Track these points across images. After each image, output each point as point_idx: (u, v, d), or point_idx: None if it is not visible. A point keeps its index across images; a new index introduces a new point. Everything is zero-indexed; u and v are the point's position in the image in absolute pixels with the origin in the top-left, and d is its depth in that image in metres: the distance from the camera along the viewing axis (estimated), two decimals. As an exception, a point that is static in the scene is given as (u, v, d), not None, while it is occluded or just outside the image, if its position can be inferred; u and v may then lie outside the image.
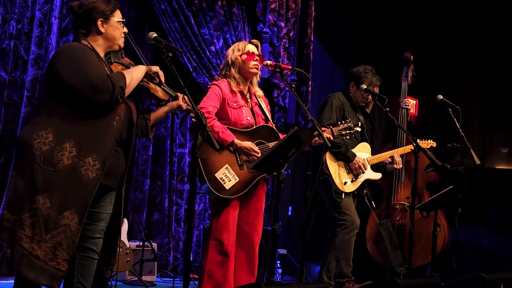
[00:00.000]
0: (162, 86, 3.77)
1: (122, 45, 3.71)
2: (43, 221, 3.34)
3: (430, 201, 5.36)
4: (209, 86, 4.69)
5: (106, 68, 3.55)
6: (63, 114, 3.41)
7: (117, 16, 3.65)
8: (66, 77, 3.40)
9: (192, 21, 6.85)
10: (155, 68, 3.73)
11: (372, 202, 5.85)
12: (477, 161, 5.53)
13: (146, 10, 6.77)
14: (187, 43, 6.84)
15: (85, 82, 3.37)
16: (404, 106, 6.35)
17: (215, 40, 7.03)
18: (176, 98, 3.83)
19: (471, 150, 5.48)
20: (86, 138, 3.43)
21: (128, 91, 3.49)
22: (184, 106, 3.81)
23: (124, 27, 3.70)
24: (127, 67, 3.69)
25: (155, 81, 3.76)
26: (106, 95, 3.38)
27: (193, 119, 3.81)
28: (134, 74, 3.58)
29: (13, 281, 3.49)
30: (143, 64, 3.76)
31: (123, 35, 3.70)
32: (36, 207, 3.34)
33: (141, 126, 3.83)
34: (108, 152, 3.48)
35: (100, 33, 3.61)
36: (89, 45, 3.58)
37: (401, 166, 5.86)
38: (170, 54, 3.61)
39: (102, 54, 3.64)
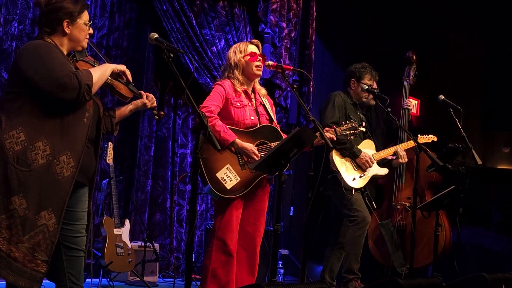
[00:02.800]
0: (129, 86, 3.76)
1: (85, 46, 3.66)
2: (20, 222, 3.32)
3: (432, 201, 5.37)
4: (212, 86, 4.69)
5: (71, 65, 3.51)
6: (32, 112, 3.38)
7: (84, 17, 3.59)
8: (31, 76, 3.36)
9: (194, 21, 6.85)
10: (122, 67, 3.69)
11: (373, 202, 5.85)
12: (479, 161, 5.53)
13: (147, 11, 6.77)
14: (188, 44, 6.84)
15: (51, 81, 3.33)
16: (405, 107, 6.35)
17: (217, 41, 7.04)
18: (140, 96, 3.84)
19: (473, 150, 5.49)
20: (58, 136, 3.41)
21: (95, 89, 3.47)
22: (148, 104, 3.83)
23: (90, 29, 3.64)
24: (92, 65, 3.66)
25: (120, 80, 3.74)
26: (73, 93, 3.35)
27: (155, 117, 3.88)
28: (101, 72, 3.55)
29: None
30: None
31: (87, 37, 3.64)
32: (12, 208, 3.30)
33: (106, 123, 3.81)
34: (81, 149, 3.48)
35: (65, 34, 3.55)
36: (53, 43, 3.53)
37: (406, 160, 5.83)
38: (172, 55, 3.60)
39: (65, 53, 3.58)
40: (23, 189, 3.33)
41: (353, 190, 5.57)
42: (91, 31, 3.66)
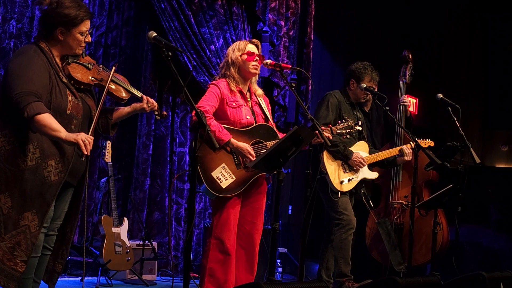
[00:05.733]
0: (129, 88, 3.78)
1: (79, 53, 3.65)
2: (3, 221, 3.36)
3: (430, 200, 5.37)
4: (208, 86, 4.69)
5: (50, 74, 3.49)
6: (19, 116, 3.39)
7: (82, 27, 3.57)
8: (4, 84, 3.42)
9: (192, 20, 6.85)
10: (72, 139, 3.36)
11: (370, 201, 5.85)
12: (477, 160, 5.53)
13: (146, 9, 6.76)
14: (187, 42, 6.84)
15: (10, 93, 3.35)
16: (402, 103, 6.36)
17: (215, 39, 7.03)
18: (141, 100, 3.81)
19: (471, 149, 5.49)
20: (48, 141, 3.44)
21: (35, 127, 3.34)
22: (147, 109, 3.78)
23: (88, 36, 3.63)
24: (87, 67, 3.66)
25: (117, 81, 3.74)
26: (19, 110, 3.33)
27: (157, 117, 3.88)
28: (53, 127, 3.35)
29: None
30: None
31: (83, 45, 3.63)
32: None
33: (102, 124, 3.81)
34: (71, 155, 3.51)
35: (58, 40, 3.56)
36: (46, 48, 3.54)
37: (411, 158, 5.80)
38: (170, 53, 3.60)
39: (58, 58, 3.60)
40: (9, 188, 3.37)
41: (339, 193, 5.56)
42: (88, 39, 3.65)
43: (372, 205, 5.94)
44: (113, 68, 3.77)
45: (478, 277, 4.45)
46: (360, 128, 5.03)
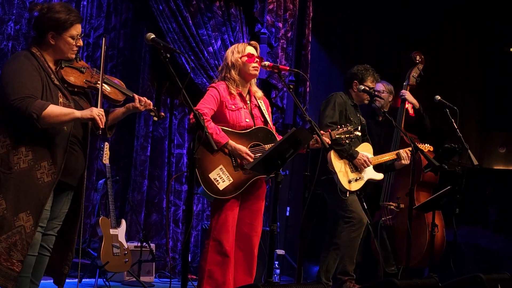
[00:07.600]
0: (121, 89, 3.83)
1: (72, 57, 3.70)
2: None
3: (428, 202, 5.36)
4: (207, 89, 4.69)
5: (42, 77, 3.55)
6: (17, 120, 3.47)
7: (73, 31, 3.63)
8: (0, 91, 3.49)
9: (190, 21, 6.84)
10: (89, 115, 3.57)
11: (364, 204, 5.84)
12: (475, 162, 5.54)
13: (144, 11, 6.77)
14: (185, 44, 6.84)
15: (6, 101, 3.45)
16: (401, 95, 6.41)
17: (213, 41, 7.03)
18: (133, 99, 3.84)
19: (469, 151, 5.50)
20: (40, 143, 3.51)
21: (47, 121, 3.47)
22: (141, 108, 3.84)
23: (79, 40, 3.68)
24: (80, 71, 3.71)
25: (110, 83, 3.80)
26: (21, 114, 3.42)
27: (154, 118, 3.92)
28: (62, 112, 3.52)
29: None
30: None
31: (75, 49, 3.69)
32: None
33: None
34: (62, 156, 3.57)
35: (49, 45, 3.63)
36: (37, 53, 3.61)
37: (408, 161, 5.80)
38: (168, 55, 3.61)
39: (51, 63, 3.66)
40: (3, 190, 3.45)
41: (348, 193, 5.56)
42: (80, 43, 3.70)
43: (366, 207, 5.92)
44: (103, 39, 3.82)
45: (476, 279, 4.44)
46: (359, 134, 5.03)
